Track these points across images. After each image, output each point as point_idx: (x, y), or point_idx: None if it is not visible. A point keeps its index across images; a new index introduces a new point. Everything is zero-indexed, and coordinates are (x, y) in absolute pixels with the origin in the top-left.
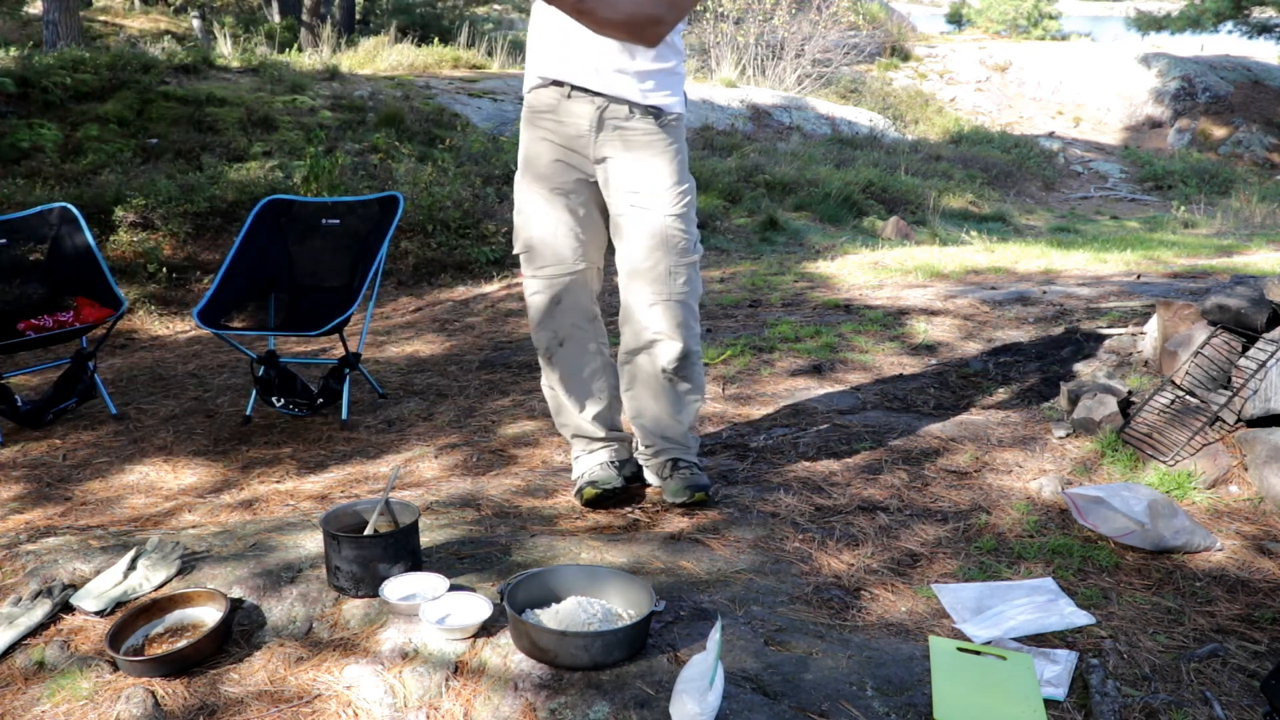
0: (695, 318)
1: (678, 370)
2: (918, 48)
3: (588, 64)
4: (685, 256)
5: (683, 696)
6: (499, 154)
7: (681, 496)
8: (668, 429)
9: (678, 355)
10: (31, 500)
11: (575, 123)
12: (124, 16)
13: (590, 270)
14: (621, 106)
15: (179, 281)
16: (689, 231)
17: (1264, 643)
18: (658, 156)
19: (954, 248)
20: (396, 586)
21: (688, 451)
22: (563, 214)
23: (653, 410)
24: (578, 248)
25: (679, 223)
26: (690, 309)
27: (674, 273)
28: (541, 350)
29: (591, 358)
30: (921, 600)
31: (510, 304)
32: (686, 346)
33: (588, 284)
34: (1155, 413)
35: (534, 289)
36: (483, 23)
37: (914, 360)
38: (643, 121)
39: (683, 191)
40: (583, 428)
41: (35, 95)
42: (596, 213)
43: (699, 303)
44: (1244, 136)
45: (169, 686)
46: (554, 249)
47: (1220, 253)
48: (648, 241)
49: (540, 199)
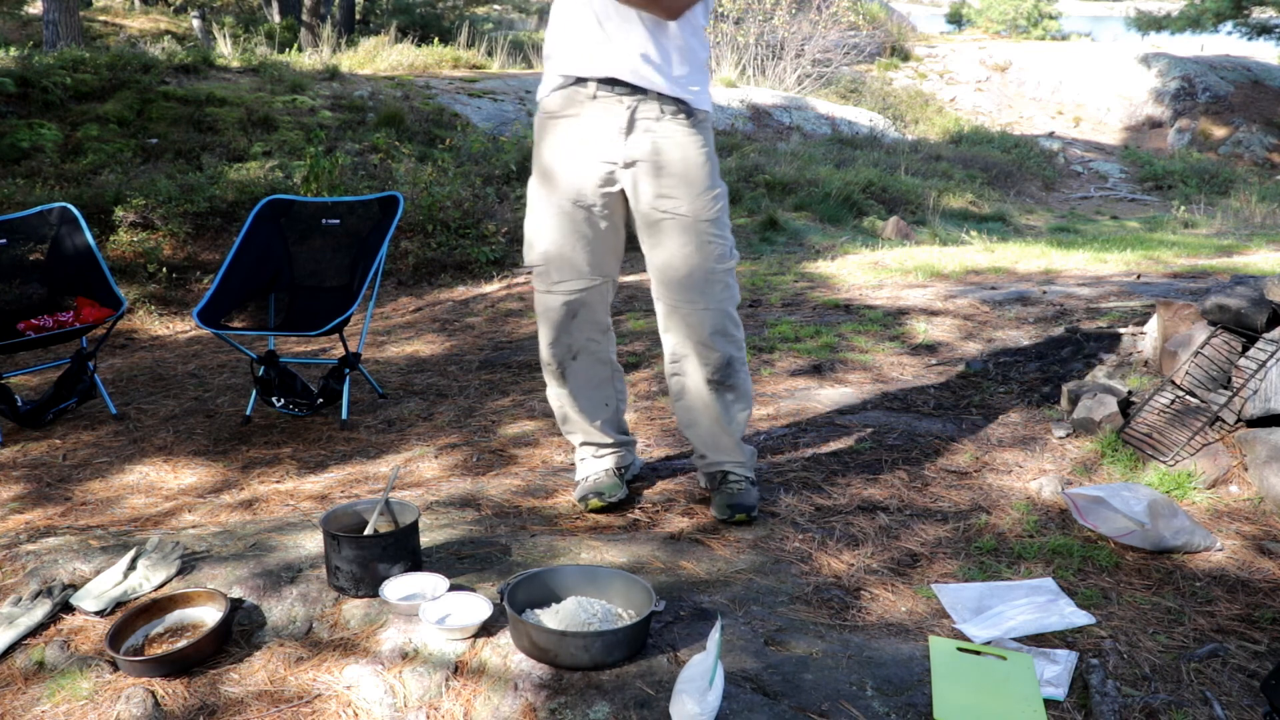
0: (736, 324)
1: (722, 379)
2: (918, 48)
3: (614, 55)
4: (722, 263)
5: (683, 696)
6: (499, 154)
7: (723, 514)
8: (719, 440)
9: (720, 364)
10: (31, 500)
11: (602, 125)
12: (124, 16)
13: (606, 284)
14: (651, 105)
15: (179, 281)
16: (724, 237)
17: (1264, 643)
18: (690, 161)
19: (954, 248)
20: (396, 586)
21: (741, 465)
22: (582, 226)
23: (703, 421)
24: (595, 261)
25: (714, 228)
26: (730, 316)
27: (712, 280)
28: (553, 364)
29: (602, 368)
30: (921, 600)
31: (510, 304)
32: (728, 354)
33: (604, 297)
34: (1155, 413)
35: (548, 304)
36: (483, 23)
37: (914, 360)
38: (674, 123)
39: (716, 196)
40: (592, 435)
41: (35, 95)
42: (617, 223)
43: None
44: (1244, 136)
45: (169, 686)
46: (571, 263)
47: (1220, 253)
48: (683, 249)
49: (557, 210)
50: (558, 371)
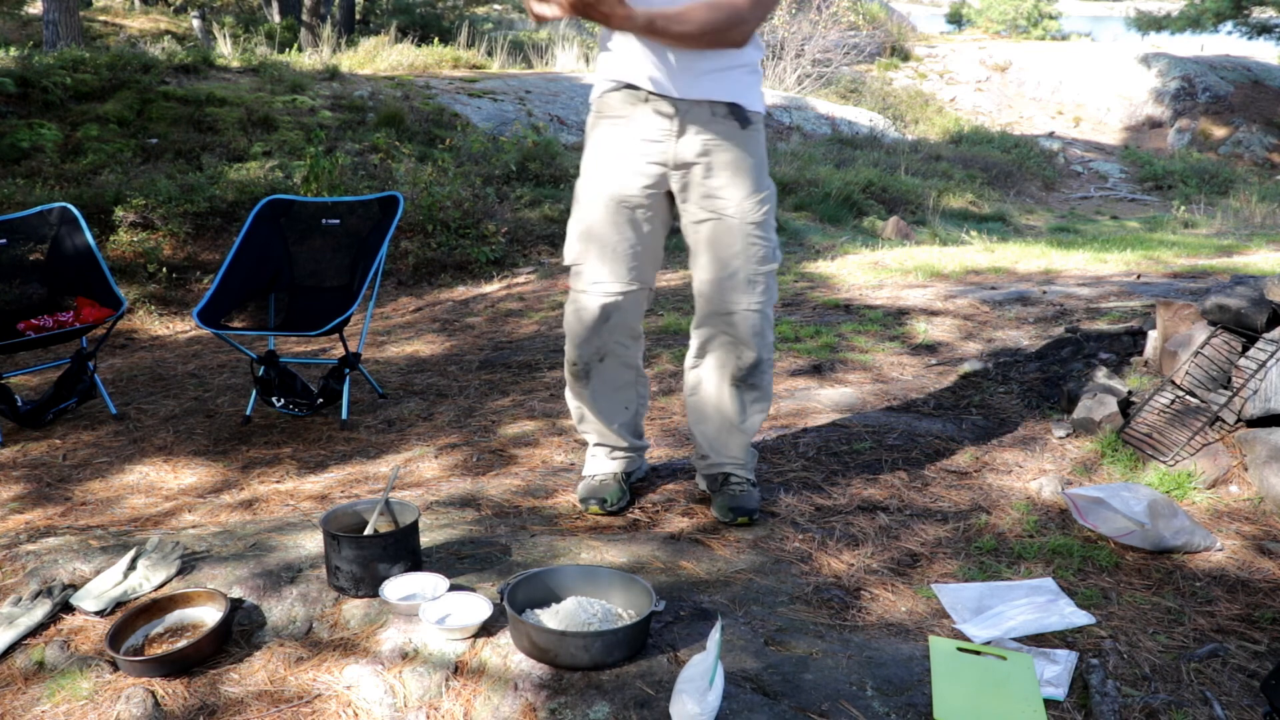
0: (770, 325)
1: (748, 378)
2: (918, 48)
3: (663, 67)
4: (764, 265)
5: (683, 696)
6: (499, 154)
7: (725, 517)
8: (728, 440)
9: (751, 364)
10: (31, 500)
11: (653, 128)
12: (124, 16)
13: (643, 292)
14: (703, 109)
15: (179, 281)
16: (768, 239)
17: (1264, 643)
18: (739, 163)
19: (954, 248)
20: (396, 586)
21: (742, 467)
22: (626, 230)
23: (716, 419)
24: (636, 266)
25: (759, 230)
26: (766, 317)
27: (753, 281)
28: (579, 365)
29: (627, 371)
30: (921, 600)
31: (510, 304)
32: (759, 355)
33: (639, 305)
34: (1155, 413)
35: (583, 304)
36: (483, 23)
37: (914, 360)
38: (725, 124)
39: (763, 199)
40: (607, 436)
41: (35, 95)
42: (659, 227)
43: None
44: (1244, 136)
45: (169, 686)
46: (612, 266)
47: (1220, 253)
48: (727, 250)
49: (603, 209)
50: (582, 372)
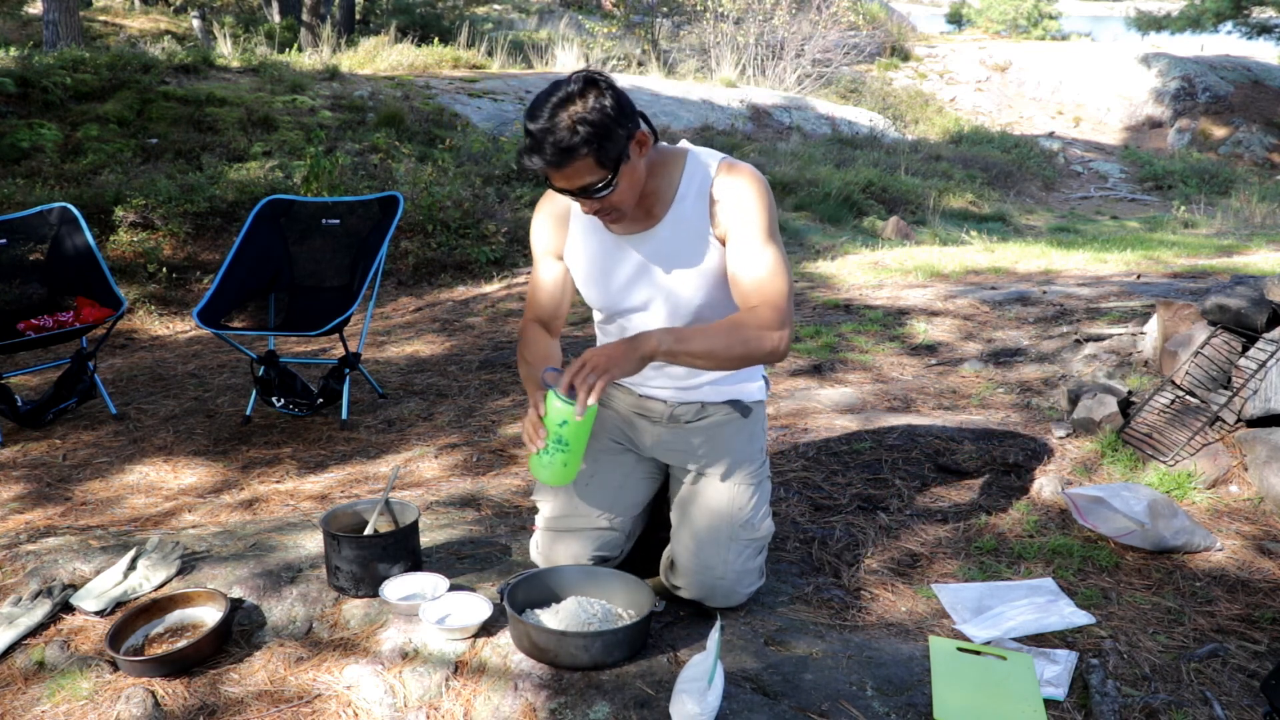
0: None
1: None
2: (918, 48)
3: (652, 374)
4: (752, 531)
5: (683, 696)
6: (499, 154)
7: None
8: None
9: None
10: (31, 500)
11: (641, 411)
12: (124, 16)
13: (620, 535)
14: (693, 407)
15: (179, 281)
16: (759, 519)
17: (1264, 643)
18: (730, 443)
19: (954, 248)
20: (396, 586)
21: None
22: (611, 473)
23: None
24: (625, 508)
25: (750, 506)
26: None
27: (735, 548)
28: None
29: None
30: (921, 600)
31: (510, 304)
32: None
33: (619, 544)
34: (1155, 413)
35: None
36: (483, 23)
37: (914, 360)
38: (718, 411)
39: (754, 472)
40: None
41: (35, 95)
42: (653, 475)
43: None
44: (1244, 136)
45: (169, 686)
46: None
47: (1220, 253)
48: (709, 519)
49: (593, 451)
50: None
